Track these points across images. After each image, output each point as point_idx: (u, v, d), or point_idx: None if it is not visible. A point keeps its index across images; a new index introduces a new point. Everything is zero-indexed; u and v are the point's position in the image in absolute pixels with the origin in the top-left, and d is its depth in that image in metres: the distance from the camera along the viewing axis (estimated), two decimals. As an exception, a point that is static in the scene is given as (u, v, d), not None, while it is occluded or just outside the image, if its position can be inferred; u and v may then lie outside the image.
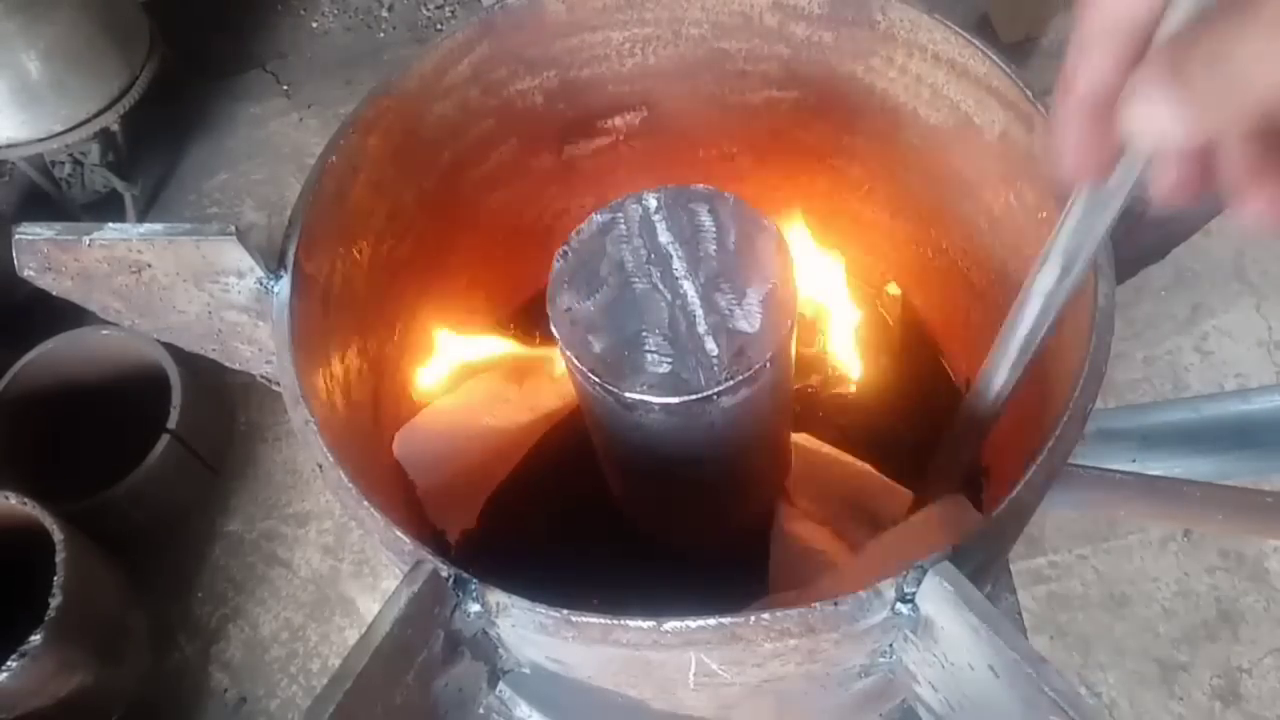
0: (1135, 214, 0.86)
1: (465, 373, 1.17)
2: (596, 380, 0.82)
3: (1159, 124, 0.38)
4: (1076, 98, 0.46)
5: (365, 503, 0.75)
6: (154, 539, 1.92)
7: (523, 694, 1.11)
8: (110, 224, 0.83)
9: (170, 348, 1.59)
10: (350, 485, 0.76)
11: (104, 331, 1.87)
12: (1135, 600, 1.76)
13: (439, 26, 2.72)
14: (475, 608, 0.69)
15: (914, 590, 0.65)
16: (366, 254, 1.01)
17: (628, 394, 0.81)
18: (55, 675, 1.54)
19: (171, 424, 1.80)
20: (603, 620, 0.66)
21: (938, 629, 0.65)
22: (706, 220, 0.88)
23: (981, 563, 0.69)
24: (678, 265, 0.86)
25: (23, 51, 1.91)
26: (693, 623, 0.65)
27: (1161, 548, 1.80)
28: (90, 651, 1.61)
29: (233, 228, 0.81)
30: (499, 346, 1.17)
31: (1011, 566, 1.29)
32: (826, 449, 1.18)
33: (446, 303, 1.21)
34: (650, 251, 0.87)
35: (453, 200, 1.13)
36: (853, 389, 1.30)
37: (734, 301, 0.84)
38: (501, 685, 0.84)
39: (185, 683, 1.81)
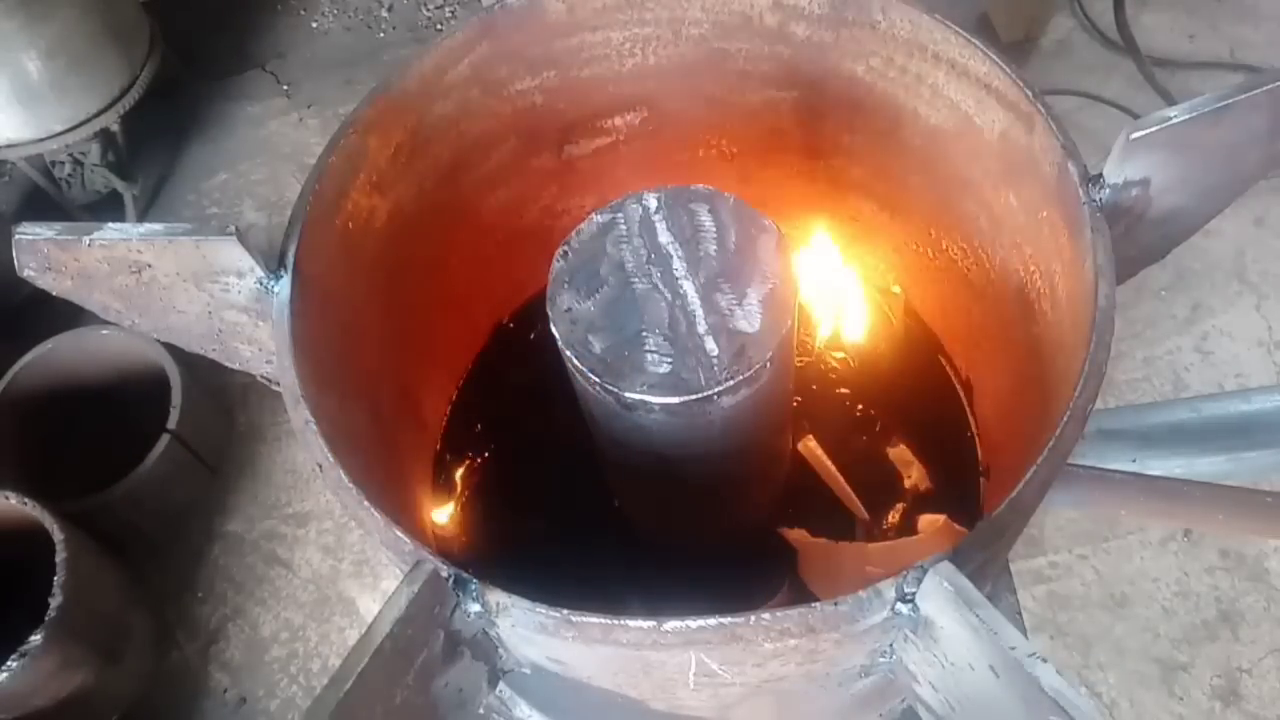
0: (1135, 214, 0.86)
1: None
2: (596, 380, 0.82)
3: None
4: None
5: (365, 503, 0.75)
6: (154, 539, 1.92)
7: (523, 694, 1.11)
8: (110, 224, 0.83)
9: (170, 348, 1.58)
10: (350, 485, 0.76)
11: (104, 331, 1.87)
12: (1135, 600, 1.76)
13: (439, 26, 2.72)
14: (475, 608, 0.69)
15: (914, 590, 0.65)
16: (367, 254, 1.01)
17: (628, 394, 0.81)
18: (55, 675, 1.54)
19: (171, 424, 1.80)
20: (603, 620, 0.66)
21: (938, 629, 0.65)
22: (706, 220, 0.88)
23: (981, 563, 0.69)
24: (678, 265, 0.86)
25: (23, 51, 1.91)
26: (693, 623, 0.65)
27: (1161, 548, 1.80)
28: (90, 651, 1.61)
29: (233, 228, 0.81)
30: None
31: (1011, 566, 1.29)
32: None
33: (447, 303, 1.21)
34: (650, 251, 0.87)
35: (453, 200, 1.13)
36: (852, 389, 1.30)
37: (734, 301, 0.84)
38: (501, 685, 0.84)
39: (185, 683, 1.81)
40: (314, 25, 2.76)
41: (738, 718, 0.87)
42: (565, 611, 0.66)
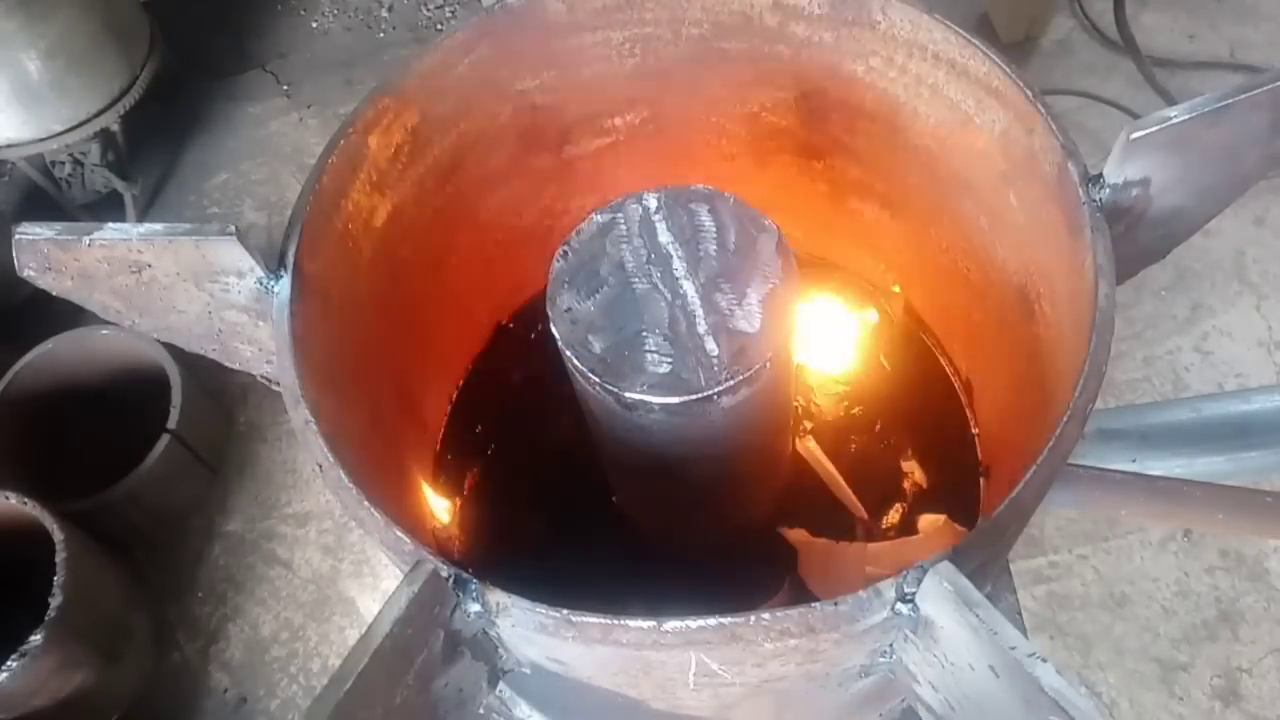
0: (1135, 214, 0.86)
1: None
2: (596, 380, 0.82)
3: None
4: None
5: (365, 503, 0.75)
6: (154, 539, 1.92)
7: (523, 694, 1.11)
8: (110, 224, 0.83)
9: (170, 348, 1.59)
10: (350, 485, 0.76)
11: (104, 331, 1.87)
12: (1135, 600, 1.76)
13: (439, 26, 2.72)
14: (475, 608, 0.69)
15: (914, 590, 0.65)
16: (367, 254, 1.01)
17: (628, 394, 0.81)
18: (55, 675, 1.54)
19: (171, 424, 1.80)
20: (603, 620, 0.66)
21: (938, 629, 0.65)
22: (706, 220, 0.88)
23: (981, 563, 0.69)
24: (678, 265, 0.86)
25: (23, 51, 1.91)
26: (693, 623, 0.65)
27: (1161, 548, 1.80)
28: (90, 651, 1.61)
29: (233, 228, 0.81)
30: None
31: (1011, 566, 1.29)
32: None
33: (447, 303, 1.21)
34: (650, 251, 0.87)
35: (453, 200, 1.13)
36: (852, 389, 1.30)
37: (734, 301, 0.84)
38: (501, 685, 0.84)
39: (185, 683, 1.82)
40: (314, 25, 2.76)
41: (738, 718, 0.87)
42: (565, 611, 0.66)
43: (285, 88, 2.62)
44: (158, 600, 1.88)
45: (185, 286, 0.86)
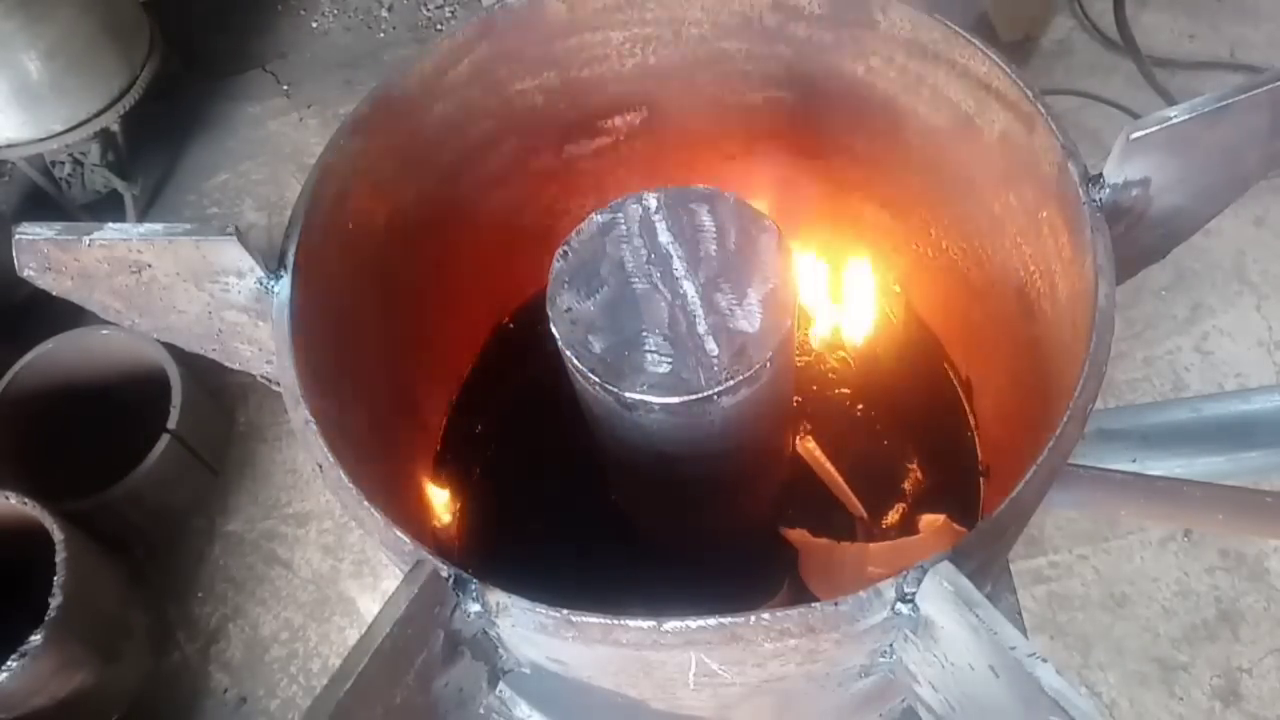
0: (1135, 214, 0.86)
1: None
2: (596, 380, 0.82)
3: None
4: None
5: (365, 503, 0.75)
6: (154, 539, 1.93)
7: (523, 694, 1.11)
8: (110, 224, 0.83)
9: (170, 348, 1.59)
10: (350, 485, 0.76)
11: (104, 331, 1.87)
12: (1135, 600, 1.76)
13: (439, 26, 2.72)
14: (475, 608, 0.69)
15: (914, 590, 0.65)
16: (367, 254, 1.01)
17: (628, 394, 0.81)
18: (55, 675, 1.54)
19: (171, 424, 1.80)
20: (603, 620, 0.66)
21: (938, 629, 0.65)
22: (706, 220, 0.88)
23: (981, 563, 0.69)
24: (678, 265, 0.86)
25: (23, 51, 1.92)
26: (693, 623, 0.65)
27: (1161, 548, 1.80)
28: (90, 651, 1.61)
29: (233, 228, 0.81)
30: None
31: (1011, 566, 1.29)
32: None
33: (447, 303, 1.21)
34: (650, 251, 0.87)
35: (453, 200, 1.13)
36: (852, 388, 1.30)
37: (734, 301, 0.84)
38: (501, 685, 0.84)
39: (185, 683, 1.82)
40: (314, 25, 2.76)
41: (738, 718, 0.87)
42: (565, 611, 0.66)
43: (285, 88, 2.62)
44: (158, 600, 1.88)
45: (185, 286, 0.86)
